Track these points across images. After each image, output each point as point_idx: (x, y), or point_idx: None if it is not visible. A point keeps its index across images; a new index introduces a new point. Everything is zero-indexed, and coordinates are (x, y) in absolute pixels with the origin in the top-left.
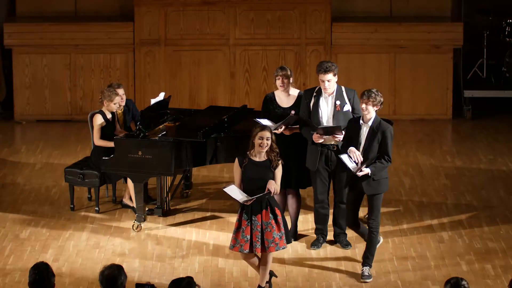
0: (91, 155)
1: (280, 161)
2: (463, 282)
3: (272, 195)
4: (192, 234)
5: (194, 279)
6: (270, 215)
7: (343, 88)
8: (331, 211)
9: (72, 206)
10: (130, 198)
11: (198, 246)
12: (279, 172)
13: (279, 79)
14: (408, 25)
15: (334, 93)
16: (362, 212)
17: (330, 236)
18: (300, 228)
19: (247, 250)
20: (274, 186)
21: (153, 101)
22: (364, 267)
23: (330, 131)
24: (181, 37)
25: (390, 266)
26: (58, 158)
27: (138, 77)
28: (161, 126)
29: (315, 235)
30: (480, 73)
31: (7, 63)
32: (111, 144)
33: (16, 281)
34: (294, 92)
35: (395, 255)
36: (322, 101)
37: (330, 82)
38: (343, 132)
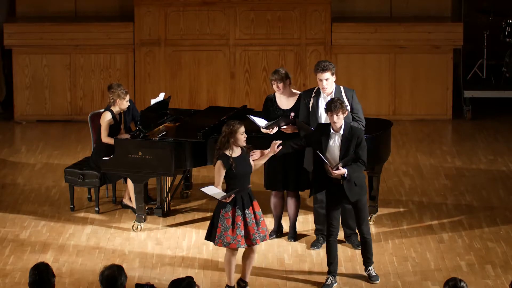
0: (92, 155)
1: (250, 146)
2: (462, 284)
3: (251, 157)
4: (192, 234)
5: (194, 279)
6: (258, 205)
7: (341, 87)
8: None
9: (72, 206)
10: (130, 199)
11: (198, 246)
12: (255, 154)
13: (274, 83)
14: (408, 25)
15: (333, 93)
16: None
17: None
18: (300, 228)
19: (245, 245)
20: (256, 154)
21: (153, 101)
22: (370, 268)
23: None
24: (181, 37)
25: (390, 266)
26: (58, 158)
27: (138, 77)
28: (161, 127)
29: (315, 235)
30: (480, 73)
31: (7, 63)
32: None
33: (16, 282)
34: (295, 93)
35: (395, 256)
36: (321, 101)
37: (328, 81)
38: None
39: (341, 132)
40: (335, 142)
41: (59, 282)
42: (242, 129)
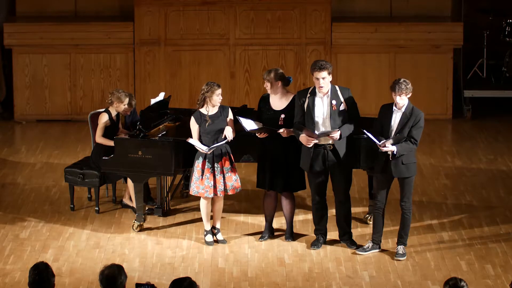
0: (92, 155)
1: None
2: (462, 283)
3: (229, 140)
4: (192, 233)
5: (194, 279)
6: (228, 161)
7: (337, 87)
8: (330, 210)
9: (72, 206)
10: (130, 198)
11: (198, 246)
12: (231, 118)
13: (264, 82)
14: (408, 25)
15: (329, 93)
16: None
17: (330, 236)
18: (300, 228)
19: (212, 194)
20: (230, 132)
21: (153, 101)
22: (399, 246)
23: (325, 134)
24: (181, 37)
25: (390, 266)
26: (58, 158)
27: (138, 77)
28: (161, 126)
29: (315, 235)
30: (480, 73)
31: (7, 63)
32: (111, 142)
33: (16, 281)
34: (288, 94)
35: (395, 255)
36: (317, 101)
37: (325, 80)
38: (340, 132)
39: (403, 109)
40: (395, 118)
41: (59, 282)
42: (219, 90)
